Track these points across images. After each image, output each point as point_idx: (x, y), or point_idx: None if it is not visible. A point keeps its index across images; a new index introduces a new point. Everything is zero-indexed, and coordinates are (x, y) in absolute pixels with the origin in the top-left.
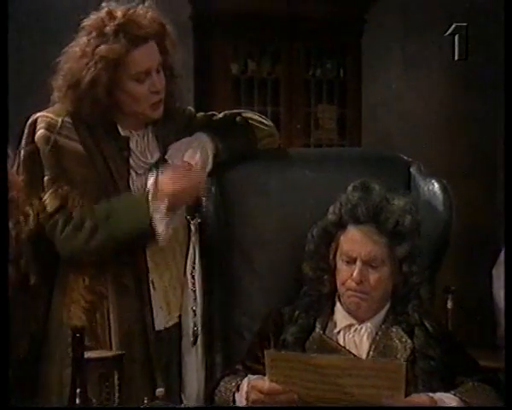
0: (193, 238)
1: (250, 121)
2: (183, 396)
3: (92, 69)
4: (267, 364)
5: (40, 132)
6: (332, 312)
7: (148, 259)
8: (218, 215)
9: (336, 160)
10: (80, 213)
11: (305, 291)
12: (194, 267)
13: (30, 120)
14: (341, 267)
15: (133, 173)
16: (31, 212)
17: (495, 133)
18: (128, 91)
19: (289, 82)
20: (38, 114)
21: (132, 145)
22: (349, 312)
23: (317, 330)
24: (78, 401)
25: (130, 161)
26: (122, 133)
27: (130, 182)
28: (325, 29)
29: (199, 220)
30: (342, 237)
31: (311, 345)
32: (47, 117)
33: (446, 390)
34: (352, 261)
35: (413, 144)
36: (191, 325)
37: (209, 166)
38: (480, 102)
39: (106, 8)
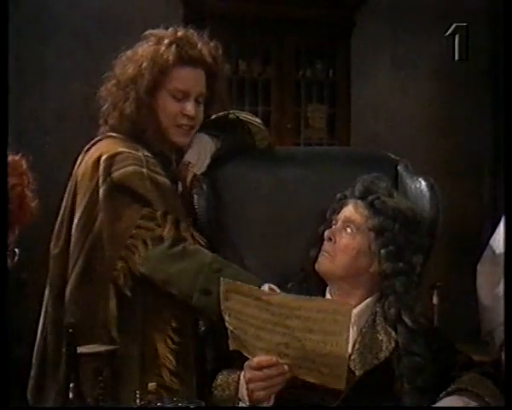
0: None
1: (241, 118)
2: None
3: (137, 66)
4: (222, 295)
5: (131, 169)
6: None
7: None
8: (210, 212)
9: (325, 158)
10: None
11: (302, 267)
12: None
13: (99, 158)
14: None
15: None
16: (136, 250)
17: (481, 133)
18: (161, 103)
19: (280, 82)
20: (112, 152)
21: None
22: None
23: None
24: (71, 395)
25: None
26: (172, 167)
27: None
28: (315, 30)
29: (191, 218)
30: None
31: None
32: (126, 152)
33: (436, 387)
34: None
35: (400, 143)
36: None
37: (205, 164)
38: (466, 102)
39: (172, 28)
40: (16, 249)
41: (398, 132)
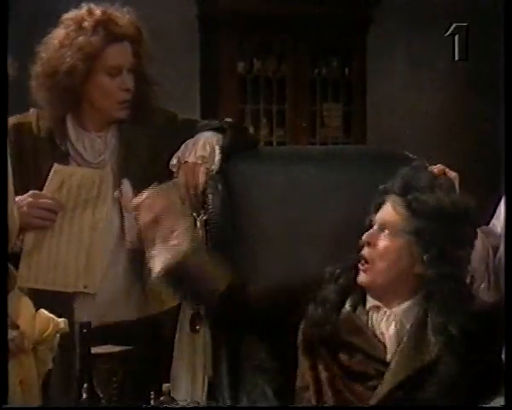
0: (199, 235)
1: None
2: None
3: (69, 59)
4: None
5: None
6: (364, 298)
7: None
8: (224, 212)
9: (340, 157)
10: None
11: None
12: None
13: None
14: None
15: None
16: None
17: (498, 131)
18: (99, 84)
19: (295, 81)
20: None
21: (79, 147)
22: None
23: (347, 306)
24: (84, 395)
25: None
26: (58, 141)
27: None
28: (330, 28)
29: (205, 217)
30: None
31: (342, 321)
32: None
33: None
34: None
35: (417, 141)
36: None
37: (216, 159)
38: (482, 100)
39: (86, 6)
40: None
41: (414, 130)
